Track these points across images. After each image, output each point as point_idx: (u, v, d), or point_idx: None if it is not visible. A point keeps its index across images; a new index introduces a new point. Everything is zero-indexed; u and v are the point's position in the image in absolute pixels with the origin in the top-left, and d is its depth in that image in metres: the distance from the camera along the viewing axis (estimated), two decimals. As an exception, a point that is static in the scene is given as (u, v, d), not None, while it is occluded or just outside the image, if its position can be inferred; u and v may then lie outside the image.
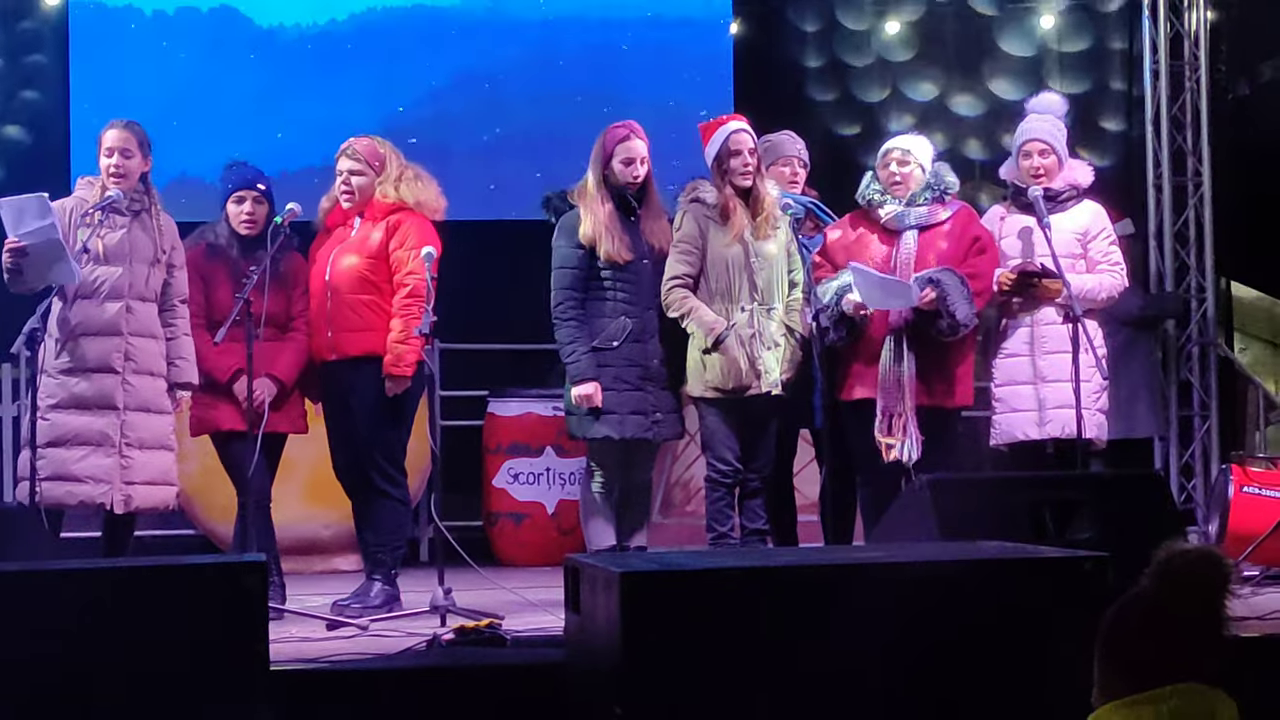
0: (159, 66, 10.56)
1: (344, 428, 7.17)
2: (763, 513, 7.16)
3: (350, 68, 10.78)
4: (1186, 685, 2.88)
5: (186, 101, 10.37)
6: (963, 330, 6.95)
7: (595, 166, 7.21)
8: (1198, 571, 3.01)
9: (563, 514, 9.12)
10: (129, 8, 10.68)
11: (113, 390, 6.72)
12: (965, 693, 4.47)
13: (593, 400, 7.04)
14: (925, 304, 6.91)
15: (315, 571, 8.81)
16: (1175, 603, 2.96)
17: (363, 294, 7.09)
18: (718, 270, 7.07)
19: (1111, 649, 2.97)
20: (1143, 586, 3.03)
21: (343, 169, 7.22)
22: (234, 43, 10.77)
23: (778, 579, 4.59)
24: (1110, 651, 2.97)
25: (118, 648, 4.44)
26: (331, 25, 10.86)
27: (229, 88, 10.61)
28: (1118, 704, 2.88)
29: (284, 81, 10.74)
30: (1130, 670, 2.93)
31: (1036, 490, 6.26)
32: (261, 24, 10.82)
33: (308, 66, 10.77)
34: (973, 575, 4.66)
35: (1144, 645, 2.93)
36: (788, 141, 7.70)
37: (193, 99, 10.43)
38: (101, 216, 6.76)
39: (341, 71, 10.75)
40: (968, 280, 6.96)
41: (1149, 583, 3.02)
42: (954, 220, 7.17)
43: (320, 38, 10.84)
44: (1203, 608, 2.98)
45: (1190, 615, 2.96)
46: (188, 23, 10.74)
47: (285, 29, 10.84)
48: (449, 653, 5.73)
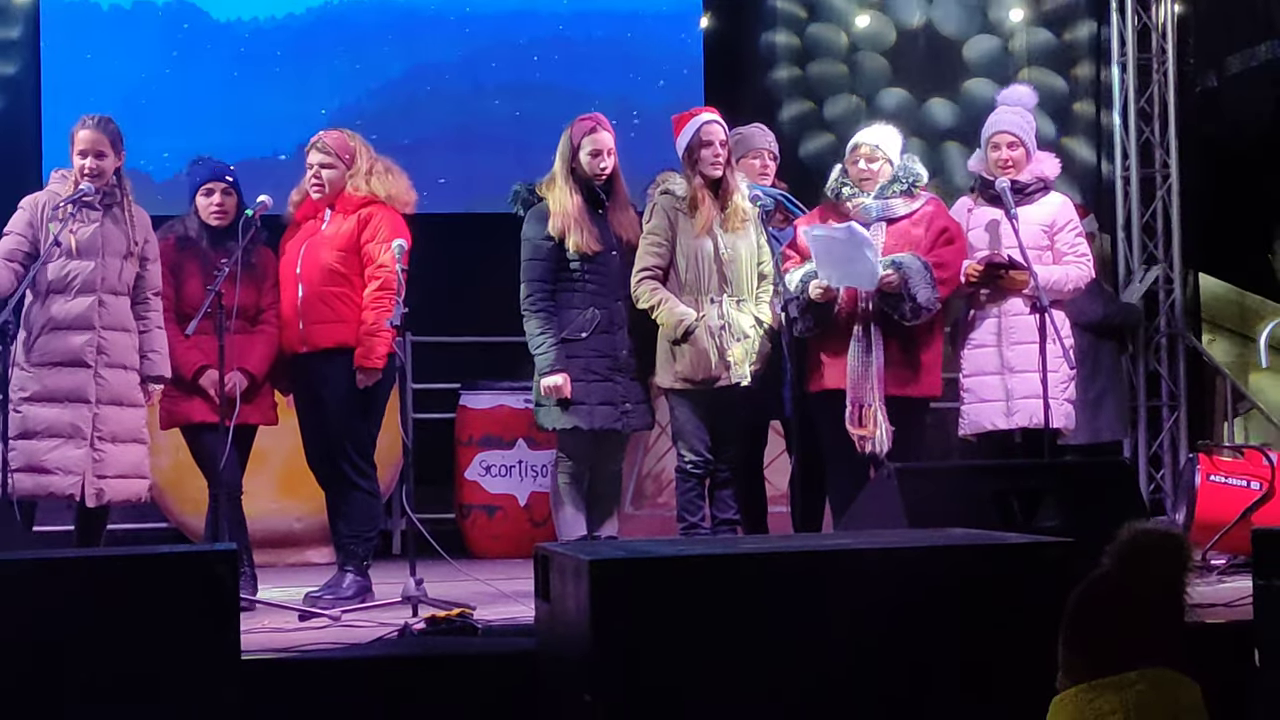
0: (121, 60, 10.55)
1: (315, 420, 7.20)
2: (733, 503, 7.19)
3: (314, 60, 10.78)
4: (1152, 670, 2.90)
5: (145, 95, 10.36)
6: (924, 314, 6.98)
7: (562, 159, 7.24)
8: (1159, 550, 3.04)
9: (535, 506, 9.14)
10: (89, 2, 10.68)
11: (85, 384, 6.73)
12: (932, 677, 4.51)
13: (561, 391, 7.07)
14: (887, 285, 6.95)
15: (287, 564, 8.82)
16: (1137, 581, 2.99)
17: (333, 286, 7.11)
18: (687, 262, 7.10)
19: (1075, 630, 2.99)
20: (1105, 566, 3.06)
21: (313, 162, 7.25)
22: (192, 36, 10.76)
23: (746, 566, 4.62)
24: (1074, 633, 2.99)
25: (89, 636, 4.46)
26: (290, 19, 10.85)
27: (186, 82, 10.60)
28: (1082, 688, 2.91)
29: (243, 75, 10.73)
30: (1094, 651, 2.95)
31: (1003, 479, 6.30)
32: (219, 18, 10.81)
33: (268, 59, 10.76)
34: (939, 561, 4.70)
35: (1107, 625, 2.96)
36: (758, 134, 7.73)
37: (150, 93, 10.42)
38: (73, 210, 6.76)
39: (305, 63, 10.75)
40: (933, 268, 7.00)
41: (1111, 562, 3.05)
42: (922, 212, 7.20)
43: (281, 30, 10.82)
44: (1164, 586, 3.01)
45: (1152, 593, 2.99)
46: (145, 16, 10.74)
47: (244, 22, 10.82)
48: (420, 642, 5.76)
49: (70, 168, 6.90)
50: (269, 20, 10.84)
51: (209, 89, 10.60)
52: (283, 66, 10.75)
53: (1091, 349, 9.43)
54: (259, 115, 10.48)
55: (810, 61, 11.54)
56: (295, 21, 10.85)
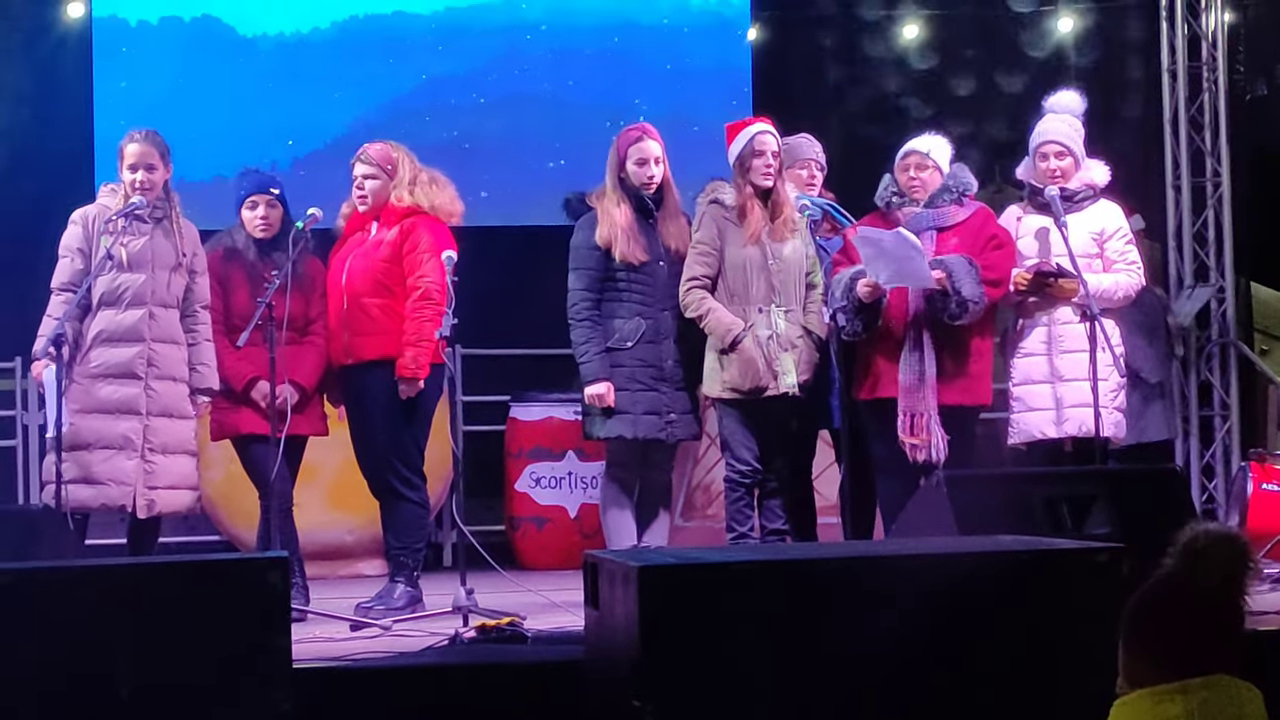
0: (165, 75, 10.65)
1: (363, 432, 7.22)
2: (782, 513, 7.18)
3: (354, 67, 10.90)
4: (1215, 677, 2.88)
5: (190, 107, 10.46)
6: (970, 311, 6.94)
7: (611, 169, 7.26)
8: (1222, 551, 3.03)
9: (585, 517, 9.14)
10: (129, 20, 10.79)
11: (135, 396, 6.78)
12: (982, 684, 4.48)
13: (605, 400, 7.08)
14: (936, 283, 6.92)
15: (339, 576, 8.85)
16: (1200, 582, 2.98)
17: (376, 298, 7.14)
18: (735, 272, 7.10)
19: (1137, 633, 2.97)
20: (1167, 568, 3.04)
21: (357, 174, 7.29)
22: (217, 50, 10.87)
23: (796, 572, 4.61)
24: (1136, 636, 2.97)
25: (142, 645, 4.47)
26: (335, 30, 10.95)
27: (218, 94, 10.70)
28: (1144, 693, 2.88)
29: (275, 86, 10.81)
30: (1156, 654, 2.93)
31: (1053, 485, 6.26)
32: (244, 33, 10.89)
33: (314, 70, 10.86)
34: (989, 568, 4.67)
35: (1170, 628, 2.94)
36: (805, 144, 7.72)
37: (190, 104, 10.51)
38: (125, 224, 6.82)
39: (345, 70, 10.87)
40: (982, 270, 6.98)
41: (1173, 564, 3.03)
42: (971, 220, 7.18)
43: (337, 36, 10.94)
44: (1226, 587, 2.99)
45: (1214, 595, 2.97)
46: (172, 32, 10.85)
47: (268, 37, 10.89)
48: (470, 650, 5.77)
49: (119, 181, 6.95)
50: (314, 32, 10.91)
51: (237, 100, 10.70)
52: (327, 73, 10.82)
53: (1145, 348, 9.39)
54: (309, 126, 10.56)
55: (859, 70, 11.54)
56: (355, 25, 10.94)
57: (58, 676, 4.42)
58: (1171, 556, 3.03)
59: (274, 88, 10.81)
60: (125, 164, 6.92)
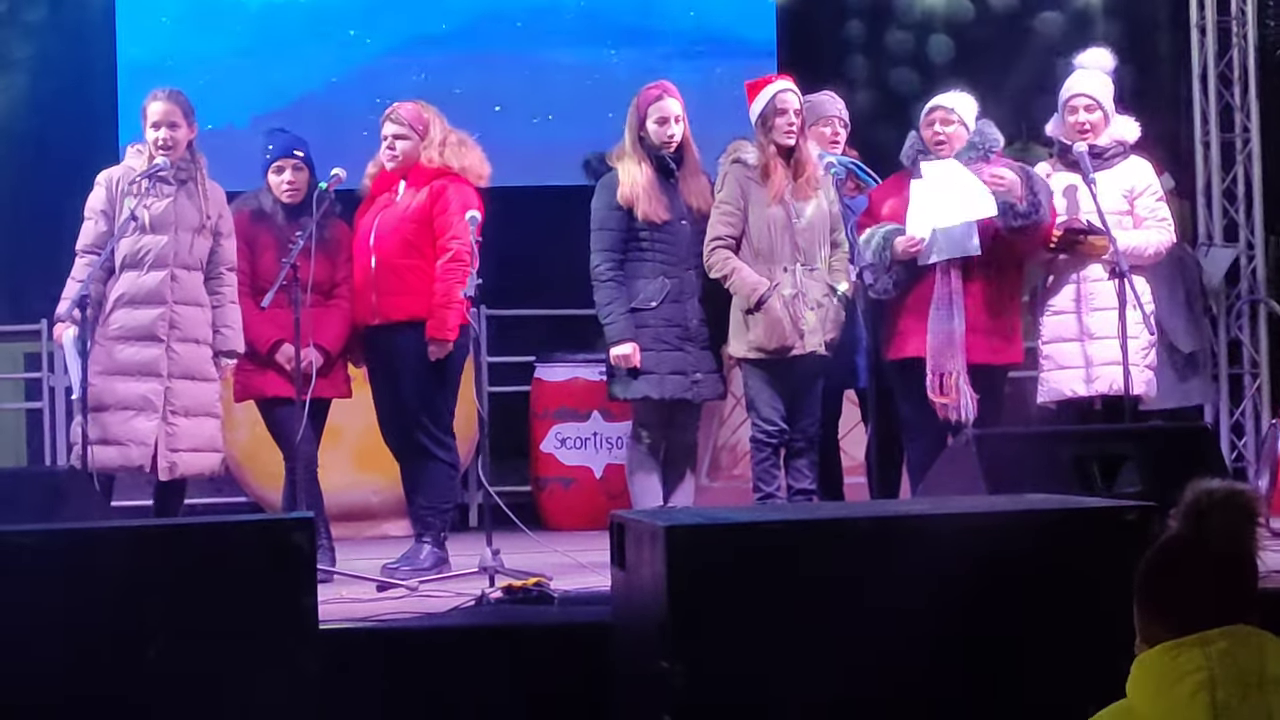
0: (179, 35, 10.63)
1: (389, 393, 7.21)
2: (809, 472, 7.15)
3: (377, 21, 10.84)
4: (1234, 627, 2.87)
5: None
6: (1036, 218, 6.93)
7: (631, 128, 7.22)
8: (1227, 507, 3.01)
9: (611, 478, 9.12)
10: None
11: (156, 358, 6.77)
12: (1011, 643, 4.46)
13: (630, 360, 7.05)
14: (997, 184, 6.94)
15: (365, 537, 8.84)
16: (1207, 540, 2.96)
17: (406, 259, 7.11)
18: (759, 231, 7.06)
19: (1150, 594, 2.96)
20: (1174, 529, 3.03)
21: (387, 133, 7.24)
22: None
23: (823, 531, 4.59)
24: (1149, 597, 2.96)
25: (168, 605, 4.47)
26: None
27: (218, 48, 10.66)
28: (1164, 647, 2.87)
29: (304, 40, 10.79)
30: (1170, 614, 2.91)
31: (1083, 444, 6.23)
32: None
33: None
34: (1018, 526, 4.65)
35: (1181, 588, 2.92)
36: (828, 102, 7.68)
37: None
38: (148, 185, 6.80)
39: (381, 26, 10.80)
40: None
41: (1179, 524, 3.02)
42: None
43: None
44: (1235, 544, 2.98)
45: (1224, 552, 2.95)
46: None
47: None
48: (497, 610, 5.77)
49: (144, 142, 6.93)
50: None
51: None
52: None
53: (1185, 307, 9.34)
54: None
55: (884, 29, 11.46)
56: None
57: (84, 636, 4.42)
58: (1177, 518, 3.02)
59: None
60: (148, 122, 6.89)
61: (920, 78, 11.18)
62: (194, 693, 4.45)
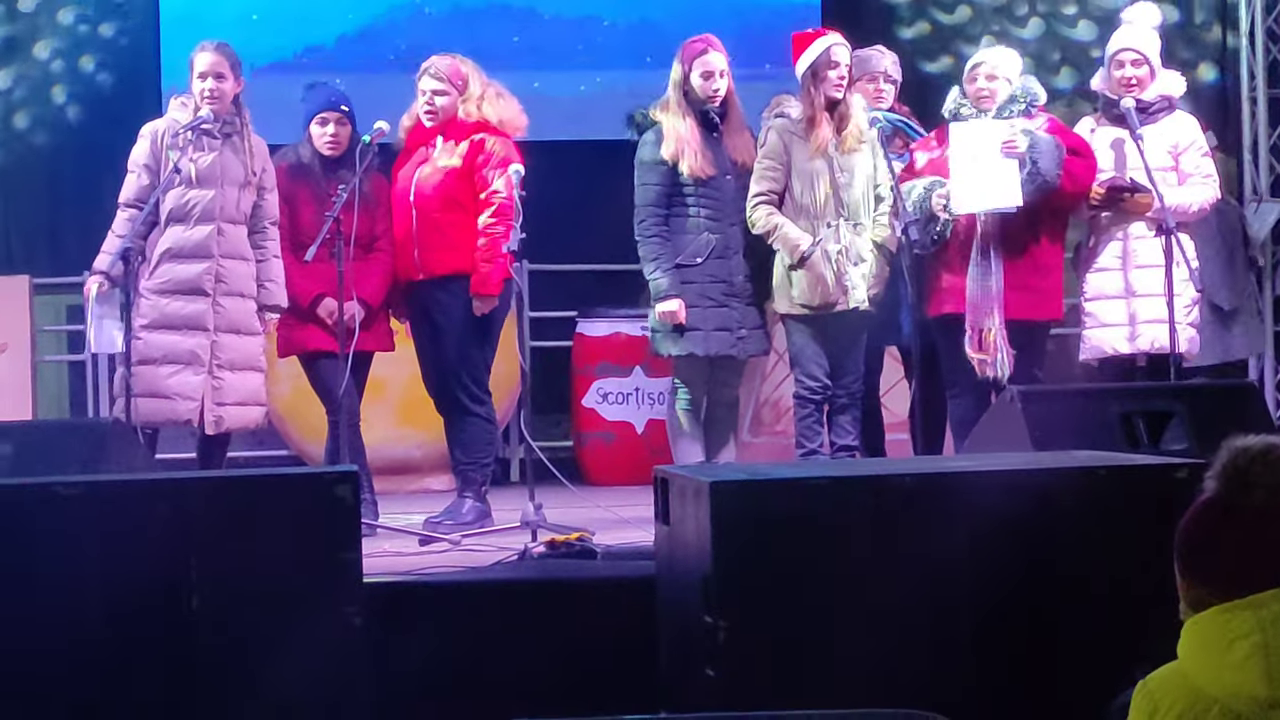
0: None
1: (432, 347, 7.22)
2: (852, 429, 7.13)
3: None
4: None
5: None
6: (1042, 182, 6.87)
7: (674, 83, 7.17)
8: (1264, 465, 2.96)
9: (652, 433, 9.09)
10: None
11: (203, 313, 6.79)
12: (1058, 600, 4.45)
13: (677, 317, 7.03)
14: (1010, 150, 6.86)
15: (407, 491, 8.86)
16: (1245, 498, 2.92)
17: (448, 213, 7.11)
18: (802, 185, 7.02)
19: (1192, 560, 2.92)
20: (1211, 490, 2.98)
21: (425, 88, 7.21)
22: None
23: (868, 488, 4.57)
24: (1191, 563, 2.91)
25: (212, 557, 4.49)
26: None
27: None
28: (1214, 610, 2.82)
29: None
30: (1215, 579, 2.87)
31: (1129, 401, 6.18)
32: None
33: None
34: (1063, 484, 4.62)
35: (1224, 551, 2.88)
36: (875, 56, 7.62)
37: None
38: (192, 138, 6.80)
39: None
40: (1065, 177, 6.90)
41: (1217, 484, 2.97)
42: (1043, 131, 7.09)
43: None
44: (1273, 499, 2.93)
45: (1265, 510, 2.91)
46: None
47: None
48: (540, 565, 5.78)
49: (188, 94, 6.93)
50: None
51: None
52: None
53: (1226, 264, 9.28)
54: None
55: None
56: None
57: (127, 588, 4.44)
58: (1213, 478, 2.97)
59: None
60: (195, 73, 6.89)
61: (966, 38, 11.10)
62: (236, 645, 4.48)
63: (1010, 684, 4.43)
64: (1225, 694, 2.71)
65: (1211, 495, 2.92)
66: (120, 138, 7.14)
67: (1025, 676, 4.44)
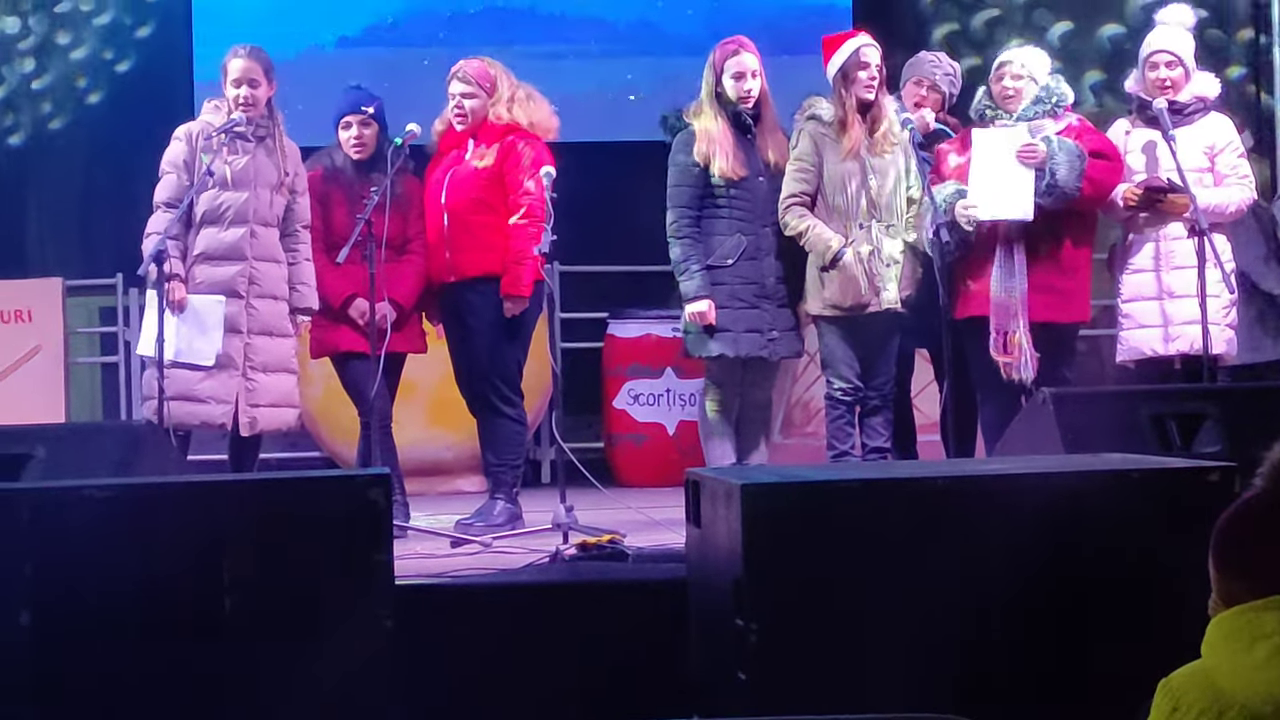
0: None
1: (464, 348, 7.22)
2: (884, 430, 7.12)
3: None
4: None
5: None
6: (1060, 193, 6.85)
7: (707, 84, 7.17)
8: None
9: (683, 435, 9.10)
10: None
11: (237, 314, 6.81)
12: (1092, 602, 4.42)
13: (707, 318, 7.03)
14: (1029, 157, 6.84)
15: (438, 492, 8.88)
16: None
17: (479, 215, 7.12)
18: (834, 187, 7.02)
19: (1230, 553, 2.91)
20: (1258, 488, 2.98)
21: (455, 92, 7.23)
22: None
23: (900, 490, 4.55)
24: (1228, 556, 2.91)
25: (244, 559, 4.49)
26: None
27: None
28: (1242, 608, 2.82)
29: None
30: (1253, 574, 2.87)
31: (1162, 403, 6.14)
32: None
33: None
34: (1096, 486, 4.59)
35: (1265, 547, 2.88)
36: (927, 62, 7.60)
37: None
38: (225, 140, 6.82)
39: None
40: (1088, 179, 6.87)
41: (1263, 483, 2.97)
42: (1070, 132, 7.06)
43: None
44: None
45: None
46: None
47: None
48: (571, 567, 5.77)
49: (224, 98, 6.95)
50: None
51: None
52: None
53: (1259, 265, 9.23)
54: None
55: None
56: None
57: (159, 591, 4.45)
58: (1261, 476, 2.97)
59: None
60: (228, 79, 6.91)
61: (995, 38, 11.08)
62: (269, 647, 4.48)
63: (1042, 688, 4.40)
64: (1246, 694, 2.71)
65: (1259, 493, 2.92)
66: (153, 140, 7.16)
67: (1057, 680, 4.41)
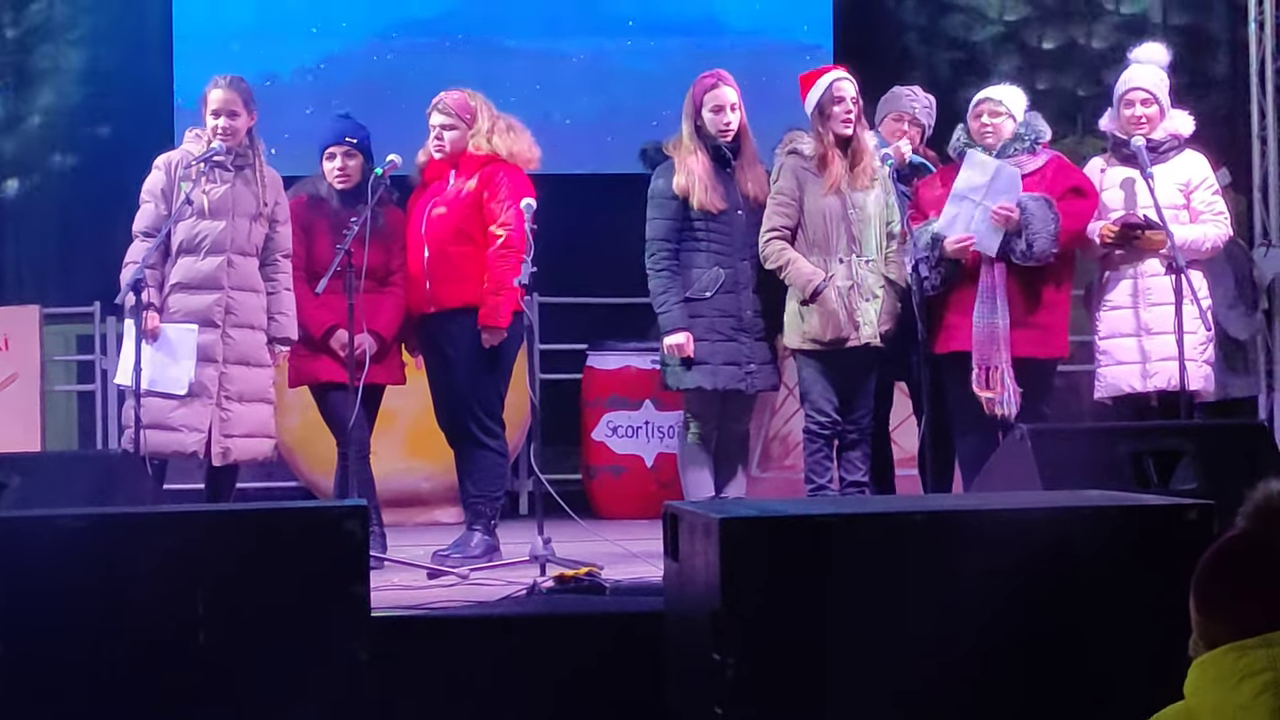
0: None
1: (443, 380, 7.21)
2: (862, 465, 7.13)
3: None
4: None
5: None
6: (1036, 260, 6.88)
7: (687, 118, 7.20)
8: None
9: (662, 467, 9.11)
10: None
11: (212, 343, 6.80)
12: (1069, 639, 4.43)
13: (684, 350, 7.04)
14: (1006, 222, 6.86)
15: (416, 523, 8.86)
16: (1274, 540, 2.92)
17: (459, 246, 7.12)
18: (815, 222, 7.04)
19: (1211, 594, 2.91)
20: (1239, 528, 2.98)
21: (435, 123, 7.24)
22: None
23: (878, 526, 4.55)
24: (1210, 599, 2.91)
25: (219, 591, 4.47)
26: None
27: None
28: (1227, 648, 2.83)
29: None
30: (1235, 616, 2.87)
31: (1139, 440, 6.16)
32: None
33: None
34: (1073, 523, 4.59)
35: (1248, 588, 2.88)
36: (908, 96, 7.61)
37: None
38: (204, 169, 6.82)
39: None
40: (1061, 218, 6.89)
41: (1245, 523, 2.97)
42: (1048, 168, 7.10)
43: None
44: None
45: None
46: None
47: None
48: (548, 600, 5.76)
49: (204, 127, 6.95)
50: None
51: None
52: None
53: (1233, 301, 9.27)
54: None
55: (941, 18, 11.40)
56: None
57: (135, 621, 4.43)
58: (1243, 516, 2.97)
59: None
60: (208, 110, 6.92)
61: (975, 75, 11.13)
62: (244, 679, 4.46)
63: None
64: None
65: (1239, 533, 2.92)
66: (130, 168, 7.16)
67: (1035, 716, 4.42)
